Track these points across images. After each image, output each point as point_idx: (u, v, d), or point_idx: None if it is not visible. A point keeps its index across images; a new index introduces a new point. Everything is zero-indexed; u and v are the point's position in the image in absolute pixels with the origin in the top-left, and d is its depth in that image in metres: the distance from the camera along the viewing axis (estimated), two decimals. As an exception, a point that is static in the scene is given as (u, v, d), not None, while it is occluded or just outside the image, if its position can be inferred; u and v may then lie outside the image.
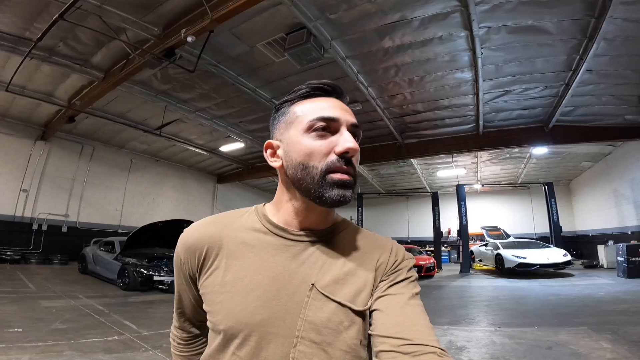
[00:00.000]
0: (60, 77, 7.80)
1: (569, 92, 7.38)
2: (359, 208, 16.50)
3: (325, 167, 0.60)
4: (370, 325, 0.60)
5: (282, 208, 0.68)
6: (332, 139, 0.62)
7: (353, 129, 0.65)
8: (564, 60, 6.46)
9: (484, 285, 9.14)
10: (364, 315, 0.60)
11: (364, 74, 7.27)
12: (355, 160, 0.64)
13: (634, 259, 8.51)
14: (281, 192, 0.69)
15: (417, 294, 0.62)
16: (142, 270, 7.21)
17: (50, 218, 10.57)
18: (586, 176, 14.69)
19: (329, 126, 0.63)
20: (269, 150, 0.69)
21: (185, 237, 0.69)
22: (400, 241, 18.68)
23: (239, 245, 0.65)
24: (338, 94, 0.69)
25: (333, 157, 0.61)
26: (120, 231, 11.87)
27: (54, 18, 5.02)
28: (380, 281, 0.63)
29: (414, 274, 0.66)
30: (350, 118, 0.65)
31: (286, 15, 5.50)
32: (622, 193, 11.59)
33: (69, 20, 5.08)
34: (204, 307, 0.65)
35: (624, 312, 5.01)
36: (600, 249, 11.81)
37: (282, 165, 0.66)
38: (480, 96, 7.84)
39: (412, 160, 12.36)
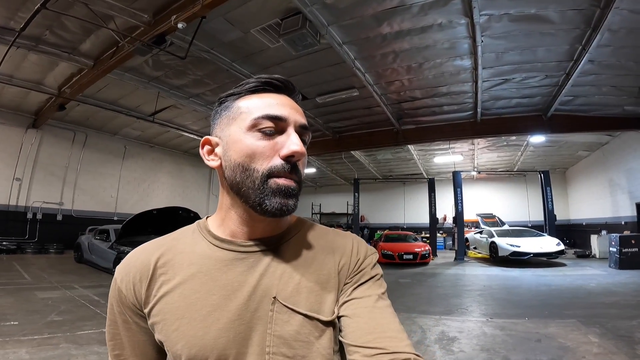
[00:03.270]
0: (48, 66, 7.62)
1: (569, 81, 7.28)
2: (356, 194, 16.51)
3: (267, 171, 0.55)
4: (340, 331, 0.57)
5: (226, 217, 0.62)
6: (278, 139, 0.57)
7: (301, 130, 0.59)
8: (566, 50, 6.33)
9: (477, 273, 9.24)
10: (334, 324, 0.57)
11: (361, 60, 7.09)
12: (302, 164, 0.59)
13: (626, 250, 8.49)
14: (222, 197, 0.63)
15: (383, 293, 0.60)
16: None
17: (44, 207, 10.51)
18: (582, 165, 14.71)
19: (275, 125, 0.57)
20: (206, 147, 0.63)
21: (126, 266, 0.62)
22: (397, 227, 18.92)
23: (186, 266, 0.59)
24: (289, 90, 0.63)
25: (277, 162, 0.56)
26: (115, 218, 11.84)
27: (36, 7, 4.82)
28: (345, 284, 0.60)
29: (379, 270, 0.63)
30: (300, 118, 0.60)
31: (281, 0, 5.30)
32: (617, 183, 11.61)
33: (52, 10, 4.88)
34: (157, 336, 0.58)
35: (614, 305, 5.07)
36: (594, 238, 11.85)
37: (220, 165, 0.60)
38: (479, 84, 7.73)
39: (409, 146, 12.29)
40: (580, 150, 13.31)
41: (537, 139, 11.21)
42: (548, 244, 10.20)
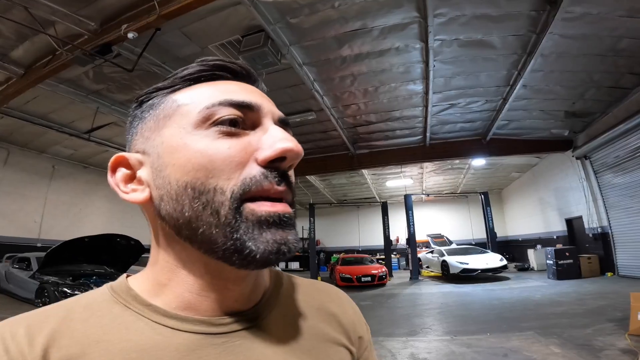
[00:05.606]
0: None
1: (506, 106, 7.99)
2: (311, 218, 16.31)
3: (241, 188, 0.34)
4: None
5: (171, 280, 0.38)
6: (251, 137, 0.37)
7: (283, 127, 0.39)
8: (504, 75, 6.96)
9: (433, 291, 9.46)
10: None
11: (319, 82, 7.16)
12: (292, 175, 0.39)
13: (561, 262, 9.35)
14: (160, 250, 0.40)
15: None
16: (66, 289, 6.30)
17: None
18: (516, 185, 16.22)
19: (242, 119, 0.37)
20: (120, 172, 0.39)
21: None
22: (352, 250, 18.99)
23: None
24: (251, 79, 0.43)
25: (255, 170, 0.35)
26: (39, 245, 10.29)
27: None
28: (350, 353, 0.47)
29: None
30: (277, 110, 0.41)
31: (244, 17, 5.18)
32: (547, 201, 12.91)
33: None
34: None
35: (563, 315, 5.37)
36: (530, 252, 12.95)
37: (150, 198, 0.38)
38: (429, 108, 8.16)
39: (363, 170, 12.55)
40: (513, 171, 14.67)
41: (478, 162, 12.15)
42: (492, 259, 10.91)
